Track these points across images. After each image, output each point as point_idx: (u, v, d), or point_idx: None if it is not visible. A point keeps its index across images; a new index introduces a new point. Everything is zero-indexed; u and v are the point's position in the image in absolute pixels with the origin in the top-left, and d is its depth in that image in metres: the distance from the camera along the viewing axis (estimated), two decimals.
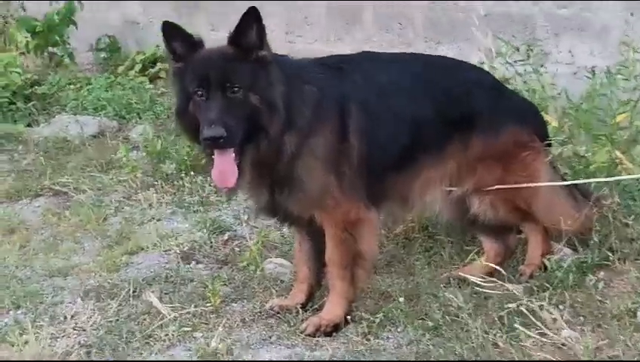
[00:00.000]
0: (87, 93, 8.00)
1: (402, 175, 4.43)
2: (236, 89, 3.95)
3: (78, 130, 7.21)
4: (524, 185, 4.46)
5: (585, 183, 4.73)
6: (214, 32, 8.60)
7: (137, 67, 8.78)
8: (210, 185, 5.94)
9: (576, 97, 5.43)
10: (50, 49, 8.98)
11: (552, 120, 4.98)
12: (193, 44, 4.06)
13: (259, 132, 4.00)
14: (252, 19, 3.97)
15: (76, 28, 8.91)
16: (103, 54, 9.39)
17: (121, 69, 8.86)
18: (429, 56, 4.79)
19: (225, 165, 3.97)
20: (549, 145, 4.65)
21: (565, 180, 4.85)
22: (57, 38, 8.90)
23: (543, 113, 4.95)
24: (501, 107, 4.55)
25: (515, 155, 4.50)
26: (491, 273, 4.57)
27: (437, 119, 4.42)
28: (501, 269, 4.43)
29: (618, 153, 4.66)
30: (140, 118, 7.58)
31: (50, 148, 7.02)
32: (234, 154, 3.96)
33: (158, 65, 8.78)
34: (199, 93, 3.96)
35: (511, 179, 4.46)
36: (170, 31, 4.06)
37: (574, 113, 5.10)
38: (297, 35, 8.06)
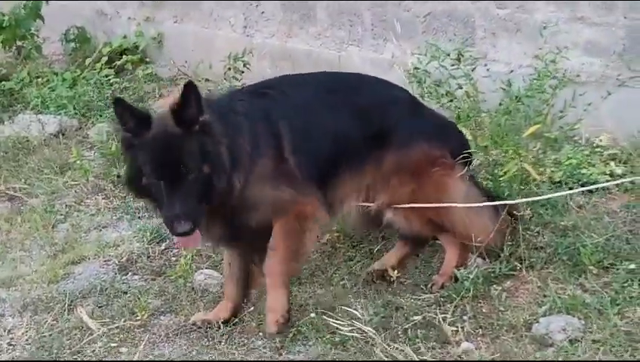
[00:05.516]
0: (49, 91, 8.18)
1: (326, 188, 4.67)
2: (191, 168, 4.14)
3: (39, 129, 7.45)
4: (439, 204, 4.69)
5: (498, 197, 4.93)
6: (177, 23, 8.85)
7: (104, 59, 8.93)
8: None
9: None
10: (19, 43, 9.16)
11: (466, 132, 5.18)
12: (142, 120, 4.20)
13: (213, 191, 4.23)
14: (191, 93, 4.15)
15: (43, 22, 9.08)
16: (72, 45, 9.52)
17: (88, 61, 9.00)
18: (347, 74, 5.00)
19: (189, 238, 4.23)
20: (467, 160, 4.80)
21: (485, 190, 5.07)
22: (25, 31, 9.05)
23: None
24: (414, 124, 4.78)
25: (425, 171, 4.72)
26: (402, 261, 4.96)
27: (355, 135, 4.69)
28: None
29: (526, 166, 4.87)
30: (101, 116, 7.77)
31: (11, 149, 7.24)
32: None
33: (124, 57, 8.97)
34: (154, 176, 4.15)
35: (422, 193, 4.69)
36: (122, 108, 4.19)
37: (488, 124, 5.30)
38: (255, 29, 8.24)
